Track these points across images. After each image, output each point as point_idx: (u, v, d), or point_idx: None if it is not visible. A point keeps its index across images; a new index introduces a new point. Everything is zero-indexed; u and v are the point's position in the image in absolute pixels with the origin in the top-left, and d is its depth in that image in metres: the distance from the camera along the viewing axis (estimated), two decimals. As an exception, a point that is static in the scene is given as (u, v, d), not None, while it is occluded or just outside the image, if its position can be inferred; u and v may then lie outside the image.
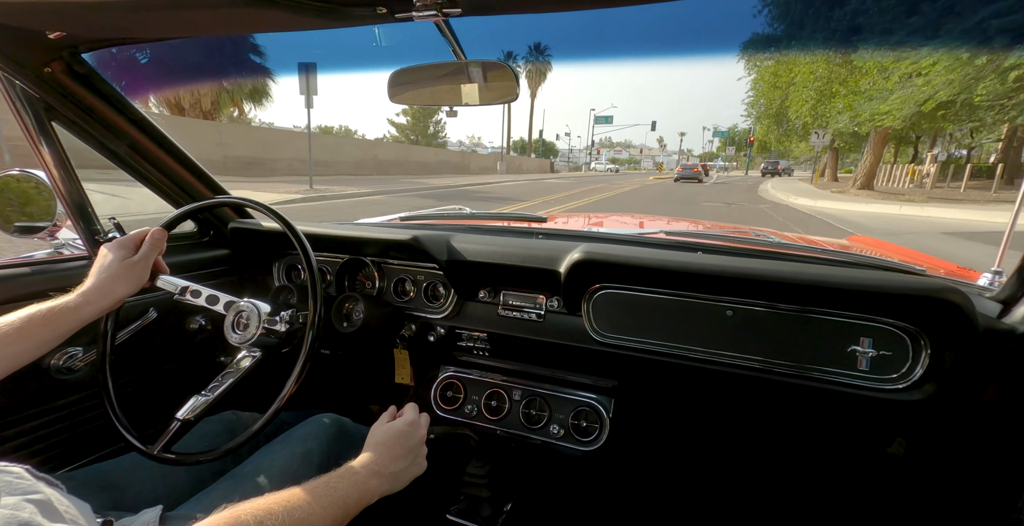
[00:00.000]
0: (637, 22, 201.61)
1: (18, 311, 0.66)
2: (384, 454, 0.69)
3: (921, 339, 0.77)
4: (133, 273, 0.77)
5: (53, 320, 0.67)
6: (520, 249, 0.99)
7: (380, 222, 1.44)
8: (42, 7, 0.67)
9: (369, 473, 0.65)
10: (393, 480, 0.68)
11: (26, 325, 0.65)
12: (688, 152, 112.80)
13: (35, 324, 0.65)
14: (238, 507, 0.50)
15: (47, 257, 1.03)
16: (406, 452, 0.71)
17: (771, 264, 0.84)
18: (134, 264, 0.77)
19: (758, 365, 0.86)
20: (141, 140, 1.06)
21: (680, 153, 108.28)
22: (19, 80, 0.86)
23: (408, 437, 0.73)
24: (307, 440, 0.84)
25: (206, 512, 0.66)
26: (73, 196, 0.98)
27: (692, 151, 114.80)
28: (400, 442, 0.72)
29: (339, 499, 0.57)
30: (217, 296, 0.87)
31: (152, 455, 0.75)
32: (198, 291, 0.87)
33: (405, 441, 0.72)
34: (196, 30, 0.77)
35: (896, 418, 0.87)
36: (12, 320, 0.64)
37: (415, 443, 0.74)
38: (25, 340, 0.64)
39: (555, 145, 78.48)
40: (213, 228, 1.30)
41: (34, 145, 0.93)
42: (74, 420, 0.97)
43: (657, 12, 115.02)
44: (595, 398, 1.02)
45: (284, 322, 0.86)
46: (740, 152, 70.67)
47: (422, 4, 0.59)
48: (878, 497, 1.04)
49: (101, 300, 0.73)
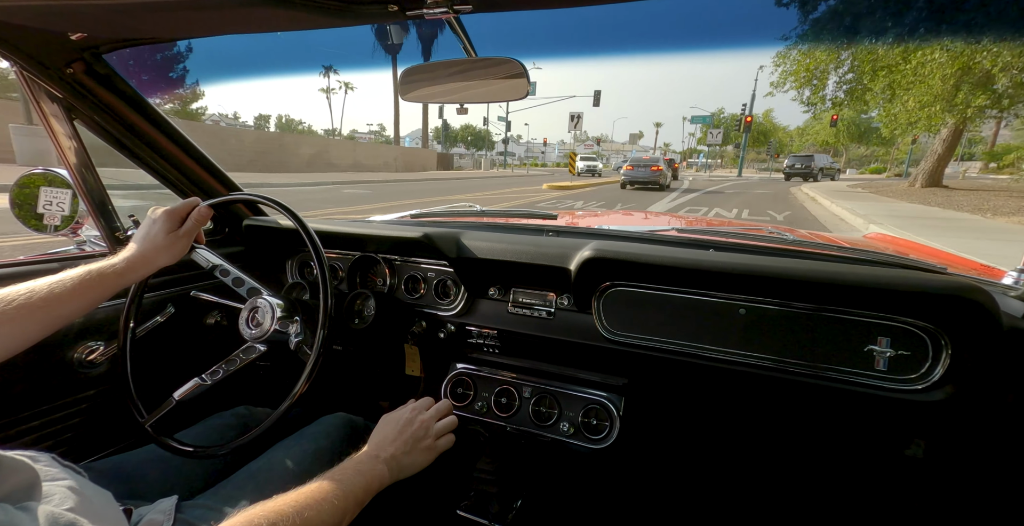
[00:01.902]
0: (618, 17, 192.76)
1: (67, 272, 0.68)
2: (383, 438, 0.71)
3: (942, 339, 0.75)
4: (176, 247, 0.80)
5: (103, 282, 0.70)
6: (530, 247, 0.99)
7: (391, 219, 1.45)
8: (64, 9, 0.68)
9: (370, 459, 0.66)
10: (395, 464, 0.69)
11: (78, 286, 0.67)
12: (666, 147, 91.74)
13: (87, 286, 0.68)
14: (250, 510, 0.51)
15: (69, 254, 1.06)
16: (405, 435, 0.73)
17: (785, 262, 0.83)
18: (178, 238, 0.80)
19: (771, 364, 0.84)
20: (159, 139, 1.08)
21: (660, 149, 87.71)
22: (42, 81, 0.89)
23: (409, 422, 0.75)
24: (319, 438, 0.86)
25: (220, 504, 0.68)
26: (94, 194, 1.01)
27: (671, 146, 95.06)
28: (399, 426, 0.74)
29: (347, 493, 0.59)
30: (243, 278, 0.90)
31: (159, 440, 0.78)
32: (227, 270, 0.91)
33: (406, 426, 0.74)
34: (214, 30, 0.79)
35: (915, 420, 0.85)
36: (64, 280, 0.66)
37: (416, 427, 0.75)
38: (78, 300, 0.67)
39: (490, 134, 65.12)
40: (228, 225, 1.32)
41: (57, 144, 0.96)
42: (94, 413, 0.99)
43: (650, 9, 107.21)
44: (605, 396, 1.02)
45: (297, 323, 0.88)
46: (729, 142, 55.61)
47: (433, 1, 0.59)
48: (895, 499, 1.01)
49: (143, 267, 0.76)
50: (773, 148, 42.35)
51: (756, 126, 49.16)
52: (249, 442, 0.76)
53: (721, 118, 55.23)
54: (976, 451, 0.86)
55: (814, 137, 47.59)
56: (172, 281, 1.11)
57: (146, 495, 0.68)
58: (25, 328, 0.62)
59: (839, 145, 48.03)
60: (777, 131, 59.16)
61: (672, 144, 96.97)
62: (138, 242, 0.77)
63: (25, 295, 0.62)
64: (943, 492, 0.94)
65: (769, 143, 46.78)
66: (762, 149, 55.65)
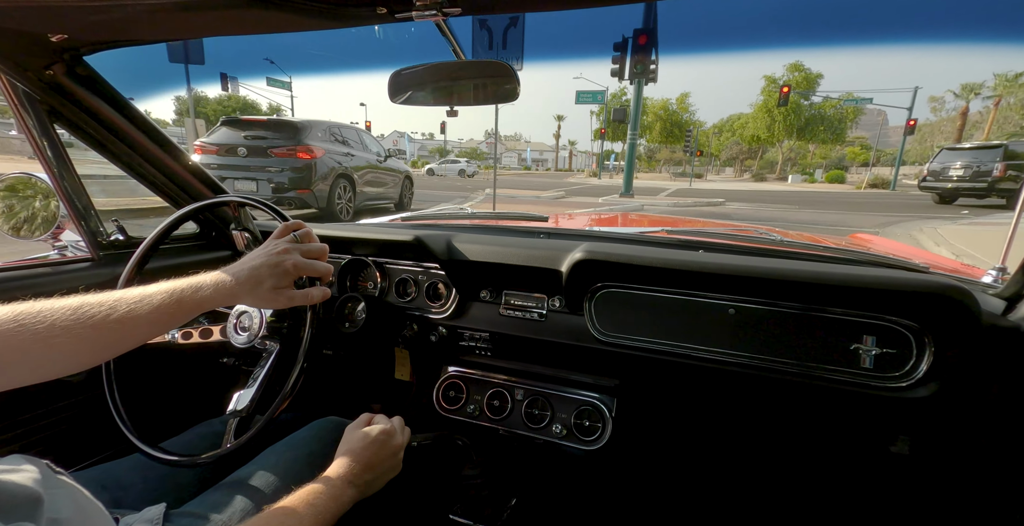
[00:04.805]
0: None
1: (145, 290, 0.59)
2: (357, 463, 0.69)
3: (925, 337, 0.77)
4: (269, 301, 0.68)
5: (182, 308, 0.60)
6: (522, 249, 0.99)
7: (382, 222, 1.44)
8: (44, 10, 0.67)
9: (344, 484, 0.65)
10: (367, 488, 0.68)
11: (158, 308, 0.58)
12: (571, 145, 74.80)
13: (164, 311, 0.59)
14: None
15: (50, 259, 1.03)
16: (380, 461, 0.71)
17: (773, 262, 0.84)
18: (279, 295, 0.67)
19: (761, 364, 0.85)
20: (142, 141, 1.06)
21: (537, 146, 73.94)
22: (21, 82, 0.87)
23: (382, 446, 0.73)
24: (310, 443, 0.85)
25: (208, 511, 0.66)
26: (76, 198, 0.99)
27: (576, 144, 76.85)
28: (373, 451, 0.71)
29: (319, 515, 0.58)
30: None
31: (142, 449, 0.76)
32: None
33: (379, 450, 0.72)
34: (197, 32, 0.78)
35: (900, 416, 0.86)
36: (144, 298, 0.58)
37: (389, 452, 0.73)
38: (154, 324, 0.59)
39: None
40: (215, 229, 1.30)
41: (36, 147, 0.94)
42: (78, 421, 0.97)
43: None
44: (598, 397, 1.02)
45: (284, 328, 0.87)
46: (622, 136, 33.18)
47: (422, 4, 0.59)
48: (882, 496, 1.03)
49: (226, 302, 0.65)
50: (694, 143, 27.48)
51: (668, 115, 37.46)
52: (238, 448, 0.75)
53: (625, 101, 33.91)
54: (960, 446, 0.88)
55: (740, 132, 36.39)
56: None
57: (133, 504, 0.67)
58: (94, 347, 0.54)
59: (772, 140, 34.89)
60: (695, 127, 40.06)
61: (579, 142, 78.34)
62: (241, 277, 0.64)
63: (105, 311, 0.54)
64: (928, 487, 0.96)
65: (687, 134, 31.33)
66: (677, 146, 40.51)
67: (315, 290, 0.71)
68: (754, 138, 34.87)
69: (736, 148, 47.10)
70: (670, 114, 38.27)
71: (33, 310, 0.51)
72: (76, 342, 0.52)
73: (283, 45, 48.95)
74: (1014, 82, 28.52)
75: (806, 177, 35.50)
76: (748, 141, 36.33)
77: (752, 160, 48.99)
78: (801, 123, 31.77)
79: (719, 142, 47.80)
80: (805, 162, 45.53)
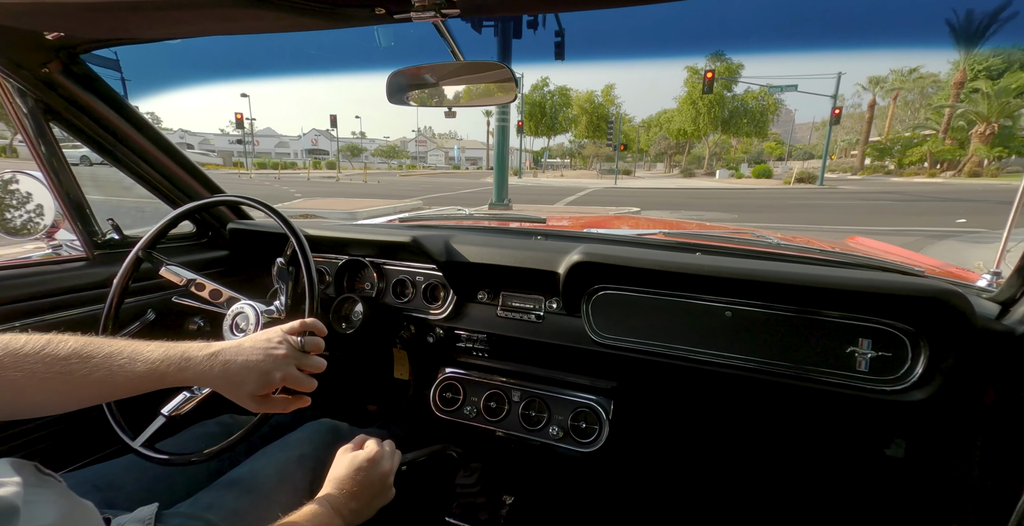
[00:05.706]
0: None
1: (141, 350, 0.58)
2: (344, 491, 0.68)
3: (920, 340, 0.77)
4: (245, 405, 0.65)
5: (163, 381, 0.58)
6: (519, 250, 0.99)
7: (379, 223, 1.44)
8: (40, 8, 0.67)
9: (332, 513, 0.64)
10: (353, 516, 0.67)
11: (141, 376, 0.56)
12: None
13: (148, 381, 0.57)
14: None
15: (45, 258, 1.02)
16: (363, 490, 0.70)
17: (769, 265, 0.84)
18: (250, 403, 0.64)
19: (757, 366, 0.86)
20: (138, 140, 1.06)
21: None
22: (16, 81, 0.86)
23: (368, 471, 0.72)
24: (303, 444, 0.84)
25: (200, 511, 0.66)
26: (71, 197, 0.98)
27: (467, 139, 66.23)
28: (359, 478, 0.70)
29: None
30: (220, 291, 0.89)
31: (135, 449, 0.75)
32: (202, 284, 0.89)
33: (365, 476, 0.71)
34: (194, 31, 0.77)
35: (895, 419, 0.86)
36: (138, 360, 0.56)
37: (375, 479, 0.72)
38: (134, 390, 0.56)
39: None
40: (212, 229, 1.30)
41: (31, 146, 0.93)
42: (71, 422, 0.96)
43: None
44: (594, 399, 1.02)
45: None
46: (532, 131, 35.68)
47: (420, 5, 0.59)
48: (877, 498, 1.03)
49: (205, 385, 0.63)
50: (617, 135, 25.04)
51: (594, 108, 35.71)
52: (230, 449, 0.74)
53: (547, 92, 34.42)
54: (954, 450, 0.88)
55: (667, 125, 35.67)
56: (152, 287, 1.09)
57: (125, 505, 0.66)
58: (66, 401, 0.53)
59: (698, 134, 33.97)
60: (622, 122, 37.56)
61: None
62: (230, 371, 0.61)
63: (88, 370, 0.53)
64: (923, 490, 0.96)
65: (609, 126, 29.15)
66: (603, 141, 37.82)
67: (293, 402, 0.68)
68: (681, 132, 34.30)
69: (664, 143, 45.19)
70: (596, 107, 36.63)
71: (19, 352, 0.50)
72: (48, 394, 0.52)
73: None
74: (908, 77, 30.56)
75: (732, 171, 34.91)
76: (675, 135, 35.85)
77: (680, 156, 47.97)
78: (725, 116, 31.45)
79: (647, 137, 46.02)
80: (729, 157, 45.59)
